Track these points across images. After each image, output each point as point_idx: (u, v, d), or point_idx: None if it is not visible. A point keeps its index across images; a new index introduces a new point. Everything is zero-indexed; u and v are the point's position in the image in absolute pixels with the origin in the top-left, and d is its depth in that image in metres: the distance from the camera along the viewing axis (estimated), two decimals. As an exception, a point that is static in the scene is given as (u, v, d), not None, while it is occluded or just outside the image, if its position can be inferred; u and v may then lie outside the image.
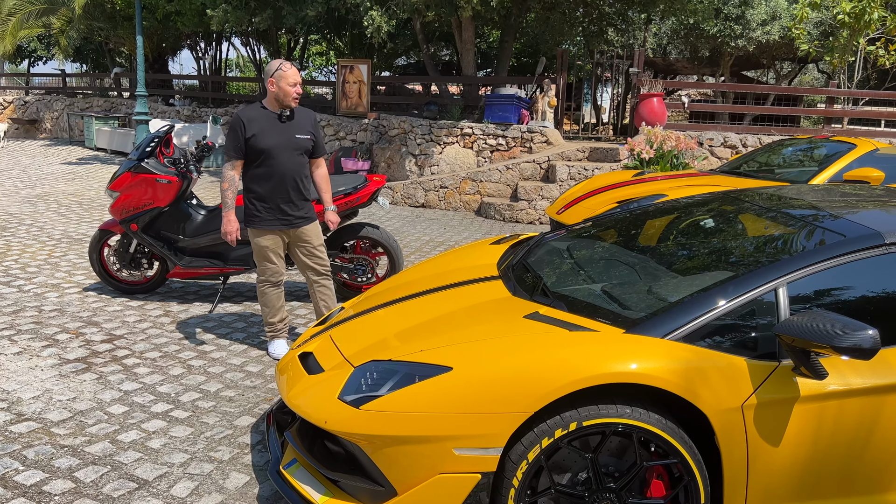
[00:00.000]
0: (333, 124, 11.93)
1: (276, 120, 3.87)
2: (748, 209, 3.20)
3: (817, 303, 2.44)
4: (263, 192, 3.89)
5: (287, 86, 3.80)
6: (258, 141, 3.80)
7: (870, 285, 2.50)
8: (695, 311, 2.37)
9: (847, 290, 2.48)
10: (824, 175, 6.32)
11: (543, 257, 3.34)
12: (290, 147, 3.90)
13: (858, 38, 10.64)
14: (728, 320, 2.36)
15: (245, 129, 3.80)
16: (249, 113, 3.86)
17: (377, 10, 9.89)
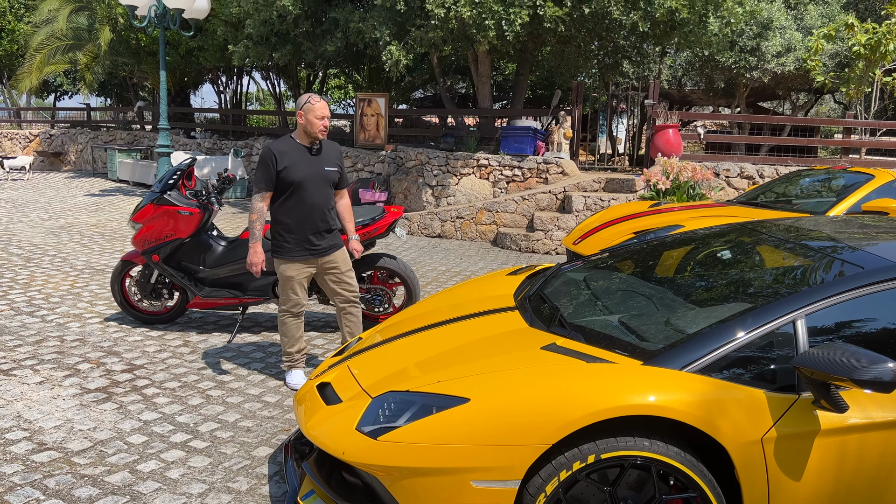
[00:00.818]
0: (351, 156, 12.08)
1: (306, 153, 3.95)
2: (765, 240, 3.20)
3: (836, 335, 2.43)
4: (292, 223, 3.96)
5: (315, 118, 3.88)
6: (289, 174, 3.87)
7: (889, 318, 2.48)
8: (713, 342, 2.37)
9: (866, 323, 2.47)
10: (842, 206, 6.29)
11: (560, 288, 3.36)
12: (319, 179, 3.98)
13: (874, 70, 10.65)
14: (746, 352, 2.36)
15: (276, 161, 3.87)
16: (280, 146, 3.93)
17: (395, 45, 10.07)
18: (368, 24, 10.42)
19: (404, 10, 9.92)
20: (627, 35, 11.54)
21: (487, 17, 9.17)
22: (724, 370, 2.32)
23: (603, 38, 12.11)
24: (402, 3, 9.91)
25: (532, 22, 9.74)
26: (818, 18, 12.87)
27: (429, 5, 9.22)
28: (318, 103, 3.90)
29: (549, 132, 10.84)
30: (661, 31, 10.78)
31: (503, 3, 9.18)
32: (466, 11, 9.04)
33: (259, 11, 11.26)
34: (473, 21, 9.20)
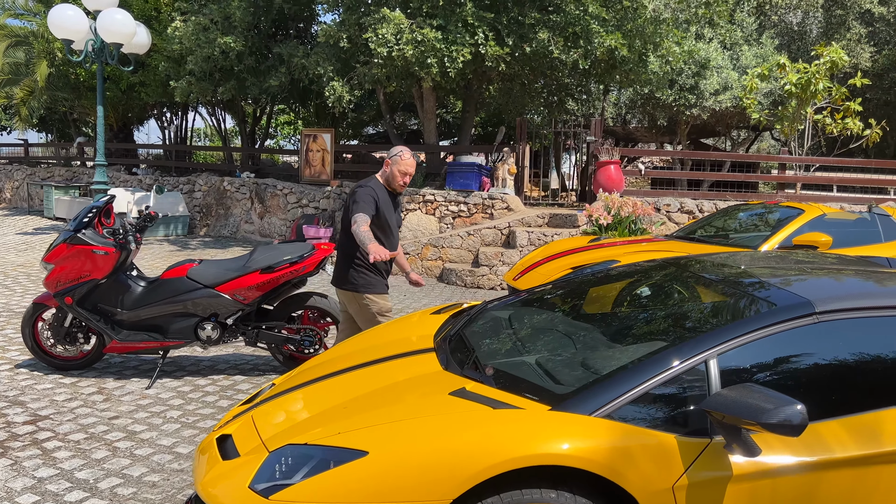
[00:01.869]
0: (296, 192, 11.91)
1: (392, 198, 4.24)
2: (689, 277, 3.15)
3: (748, 375, 2.37)
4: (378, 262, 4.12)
5: (398, 172, 4.12)
6: (384, 217, 4.13)
7: (802, 356, 2.43)
8: (623, 385, 2.28)
9: (778, 362, 2.41)
10: (774, 240, 6.38)
11: (481, 327, 3.25)
12: (397, 224, 4.36)
13: (806, 108, 11.01)
14: (657, 395, 2.27)
15: (378, 202, 4.07)
16: (378, 188, 4.13)
17: (339, 81, 10.02)
18: (312, 61, 10.37)
19: (348, 47, 9.91)
20: (570, 73, 11.74)
21: (430, 56, 9.20)
22: (634, 414, 2.23)
23: (547, 76, 12.30)
24: (346, 41, 9.91)
25: (474, 60, 9.82)
26: (753, 58, 13.32)
27: (371, 45, 9.22)
28: (408, 160, 4.13)
29: (495, 168, 10.87)
30: (602, 69, 11.00)
31: (445, 42, 9.23)
32: (409, 50, 9.06)
33: (201, 48, 11.12)
34: (416, 59, 9.22)
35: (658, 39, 10.70)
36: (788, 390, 2.34)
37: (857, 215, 6.94)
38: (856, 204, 10.21)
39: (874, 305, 2.49)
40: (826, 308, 2.45)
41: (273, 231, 12.09)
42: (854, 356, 2.44)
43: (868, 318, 2.47)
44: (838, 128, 11.08)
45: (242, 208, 12.64)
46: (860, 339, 2.47)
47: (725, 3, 11.30)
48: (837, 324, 2.45)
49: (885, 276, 2.92)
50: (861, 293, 2.56)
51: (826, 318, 2.44)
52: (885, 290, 2.66)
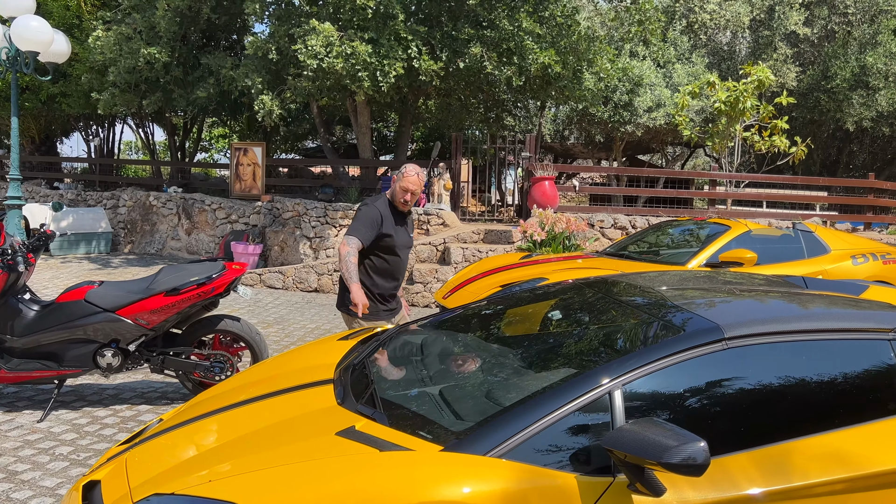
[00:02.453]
0: (225, 207, 11.51)
1: (401, 218, 3.99)
2: (603, 300, 3.02)
3: (654, 407, 2.23)
4: (381, 285, 3.99)
5: (399, 188, 3.88)
6: (391, 241, 3.90)
7: (710, 386, 2.31)
8: (521, 421, 2.11)
9: (686, 392, 2.28)
10: (701, 256, 6.38)
11: (389, 355, 3.05)
12: (407, 245, 4.09)
13: (735, 125, 11.24)
14: (558, 431, 2.11)
15: (382, 224, 3.84)
16: (383, 208, 3.90)
17: (268, 95, 9.73)
18: (240, 73, 10.05)
19: (277, 59, 9.64)
20: (506, 89, 11.72)
21: (361, 69, 9.01)
22: (532, 453, 2.06)
23: (484, 91, 12.26)
24: (275, 52, 9.64)
25: (408, 74, 9.68)
26: (685, 76, 13.58)
27: (300, 56, 8.98)
28: (410, 177, 3.88)
29: (430, 183, 10.72)
30: (536, 85, 11.00)
31: (377, 56, 9.06)
32: (339, 62, 8.85)
33: (124, 58, 10.67)
34: (347, 72, 9.02)
35: (592, 56, 10.78)
36: (695, 423, 2.22)
37: (782, 231, 7.03)
38: (783, 220, 10.43)
39: (785, 330, 2.39)
40: (735, 333, 2.34)
41: (201, 248, 11.66)
42: (763, 384, 2.34)
43: (778, 344, 2.38)
44: (766, 145, 11.33)
45: (169, 224, 12.16)
46: (770, 367, 2.37)
47: (658, 21, 11.48)
48: (747, 350, 2.35)
49: (800, 297, 2.85)
50: (773, 317, 2.46)
51: (735, 345, 2.33)
52: (798, 313, 2.57)
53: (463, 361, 2.84)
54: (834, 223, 11.57)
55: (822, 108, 13.58)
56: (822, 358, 2.40)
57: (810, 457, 2.16)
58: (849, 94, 13.19)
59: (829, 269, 6.53)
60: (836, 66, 13.41)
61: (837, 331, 2.43)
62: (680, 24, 14.51)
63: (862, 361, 2.42)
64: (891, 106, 13.15)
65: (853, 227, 11.58)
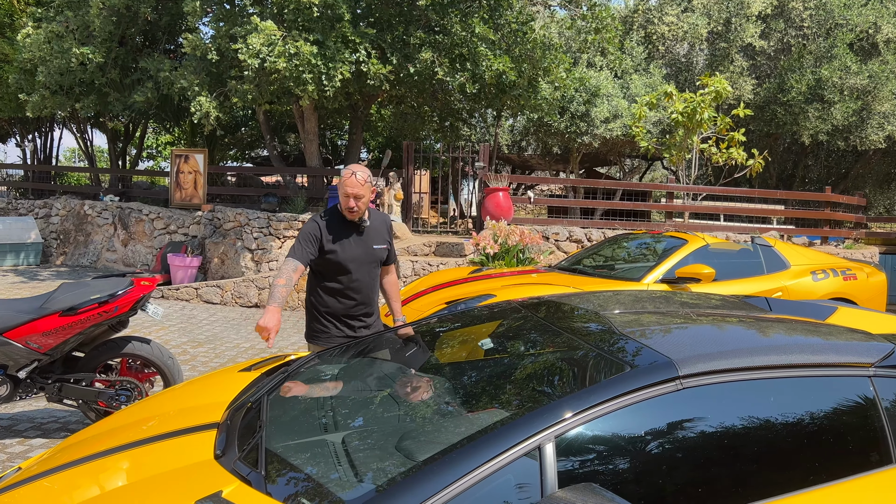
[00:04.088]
0: (164, 217, 10.88)
1: (354, 229, 3.44)
2: (543, 326, 2.61)
3: (592, 466, 1.81)
4: (334, 307, 3.49)
5: (342, 194, 3.35)
6: (338, 256, 3.38)
7: (661, 436, 1.91)
8: (428, 486, 1.67)
9: (632, 444, 1.87)
10: (657, 272, 6.05)
11: (292, 391, 2.59)
12: (367, 260, 3.49)
13: (692, 137, 11.05)
14: (474, 498, 1.68)
15: (322, 238, 3.36)
16: (328, 220, 3.41)
17: (206, 96, 9.18)
18: (178, 74, 9.49)
19: (217, 59, 9.11)
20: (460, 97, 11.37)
21: (305, 71, 8.54)
22: (440, 529, 1.62)
23: (438, 99, 11.89)
24: (215, 53, 9.11)
25: (356, 79, 9.25)
26: (642, 87, 13.41)
27: (241, 55, 8.47)
28: (347, 179, 3.32)
29: (380, 194, 10.28)
30: (491, 93, 10.66)
31: (323, 58, 8.61)
32: (282, 63, 8.37)
33: (54, 58, 10.01)
34: (290, 74, 8.54)
35: (547, 65, 10.48)
36: (643, 483, 1.81)
37: (741, 245, 6.75)
38: (741, 233, 10.23)
39: (751, 366, 2.01)
40: (691, 370, 1.95)
41: (137, 260, 10.99)
42: (726, 433, 1.94)
43: (742, 383, 1.99)
44: (723, 157, 11.17)
45: (104, 235, 11.46)
46: (734, 411, 1.97)
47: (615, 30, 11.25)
48: (705, 391, 1.95)
49: (766, 324, 2.48)
50: (735, 350, 2.07)
51: (691, 384, 1.94)
52: (766, 345, 2.19)
53: (375, 400, 2.40)
54: (791, 237, 11.45)
55: (778, 121, 13.53)
56: (795, 399, 2.02)
57: (782, 525, 1.77)
58: (804, 108, 13.16)
59: (789, 286, 6.26)
60: (792, 80, 13.39)
61: (812, 366, 2.06)
62: (637, 34, 14.37)
63: (840, 402, 2.05)
64: (845, 120, 13.15)
65: (810, 241, 11.48)
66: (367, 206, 3.47)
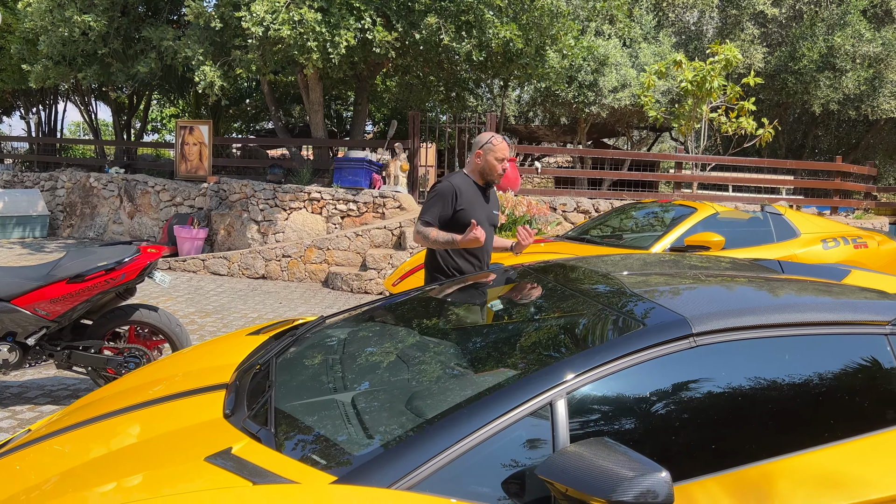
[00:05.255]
0: (170, 189, 10.86)
1: (481, 193, 3.72)
2: (554, 288, 2.58)
3: (606, 422, 1.80)
4: (462, 265, 3.70)
5: (495, 160, 3.65)
6: (467, 214, 3.57)
7: (674, 393, 1.88)
8: (438, 441, 1.66)
9: (644, 402, 1.85)
10: (666, 240, 6.00)
11: (302, 353, 2.58)
12: (491, 222, 3.80)
13: (702, 106, 10.90)
14: (485, 453, 1.66)
15: (457, 199, 3.58)
16: (459, 181, 3.65)
17: (210, 66, 9.10)
18: (181, 43, 9.39)
19: (220, 27, 9.00)
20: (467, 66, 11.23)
21: (310, 39, 8.43)
22: (450, 484, 1.61)
23: (444, 68, 11.75)
24: (219, 21, 9.00)
25: (363, 47, 9.13)
26: (651, 56, 13.22)
27: (245, 23, 8.37)
28: (500, 144, 3.66)
29: (386, 165, 10.21)
30: (498, 62, 10.52)
31: (328, 25, 8.49)
32: (286, 30, 8.27)
33: (56, 27, 9.92)
34: (295, 42, 8.44)
35: (555, 33, 10.32)
36: (655, 440, 1.79)
37: (751, 214, 6.69)
38: (750, 203, 10.14)
39: (765, 323, 1.97)
40: (705, 328, 1.92)
41: (144, 232, 11.00)
42: (739, 391, 1.92)
43: (756, 340, 1.96)
44: (733, 127, 11.02)
45: (110, 207, 11.45)
46: (748, 368, 1.95)
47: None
48: (719, 348, 1.92)
49: (779, 284, 2.45)
50: (750, 308, 2.04)
51: (705, 341, 1.91)
52: (780, 303, 2.16)
53: (387, 361, 2.39)
54: (800, 207, 11.35)
55: (789, 89, 13.34)
56: (810, 357, 2.00)
57: (796, 481, 1.75)
58: (816, 76, 12.96)
59: (799, 254, 6.21)
60: (803, 48, 13.17)
61: (827, 324, 2.02)
62: (647, 1, 14.13)
63: (856, 360, 2.02)
64: (857, 88, 12.96)
65: (819, 212, 11.38)
66: None
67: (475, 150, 3.72)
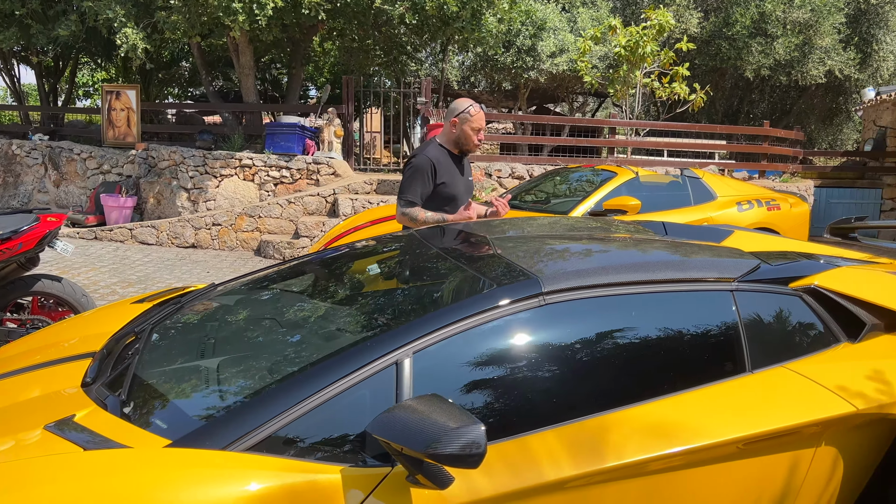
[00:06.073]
0: (97, 156, 10.51)
1: (456, 164, 3.60)
2: (428, 253, 2.60)
3: (451, 380, 1.84)
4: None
5: (471, 130, 3.51)
6: (448, 188, 3.50)
7: (522, 350, 1.94)
8: (277, 404, 1.68)
9: (492, 360, 1.90)
10: (585, 204, 6.10)
11: (180, 321, 2.56)
12: (467, 193, 3.70)
13: (636, 71, 11.00)
14: (326, 413, 1.69)
15: (436, 173, 3.47)
16: (435, 153, 3.52)
17: (132, 28, 8.78)
18: (103, 4, 9.02)
19: (142, -12, 8.69)
20: (403, 30, 11.08)
21: (235, 0, 8.20)
22: (288, 443, 1.64)
23: (382, 32, 11.57)
24: (140, -19, 8.67)
25: (293, 8, 8.92)
26: (589, 21, 13.25)
27: (166, -17, 8.09)
28: (478, 113, 3.52)
29: (320, 129, 10.07)
30: (434, 25, 10.40)
31: (253, -14, 8.26)
32: (210, -9, 8.02)
33: (-33, -16, 9.43)
34: (220, 3, 8.19)
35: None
36: (500, 396, 1.85)
37: (672, 178, 6.83)
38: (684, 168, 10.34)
39: (613, 282, 2.04)
40: (555, 287, 1.97)
41: (70, 201, 10.66)
42: (585, 347, 1.98)
43: (604, 298, 2.02)
44: (666, 92, 11.17)
45: (35, 175, 11.05)
46: (594, 325, 2.02)
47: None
48: (568, 306, 1.98)
49: (645, 244, 2.52)
50: (602, 267, 2.10)
51: (554, 300, 1.96)
52: (633, 262, 2.22)
53: (258, 329, 2.39)
54: (732, 171, 11.61)
55: (723, 55, 13.55)
56: (658, 313, 2.07)
57: (629, 431, 1.83)
58: (748, 42, 13.18)
59: (715, 216, 6.39)
60: (736, 13, 13.36)
61: (674, 281, 2.10)
62: (585, -34, 14.10)
63: (700, 316, 2.11)
64: (787, 54, 13.23)
65: (750, 175, 11.68)
66: None
67: (450, 118, 3.55)
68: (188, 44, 11.48)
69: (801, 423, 1.88)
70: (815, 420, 1.89)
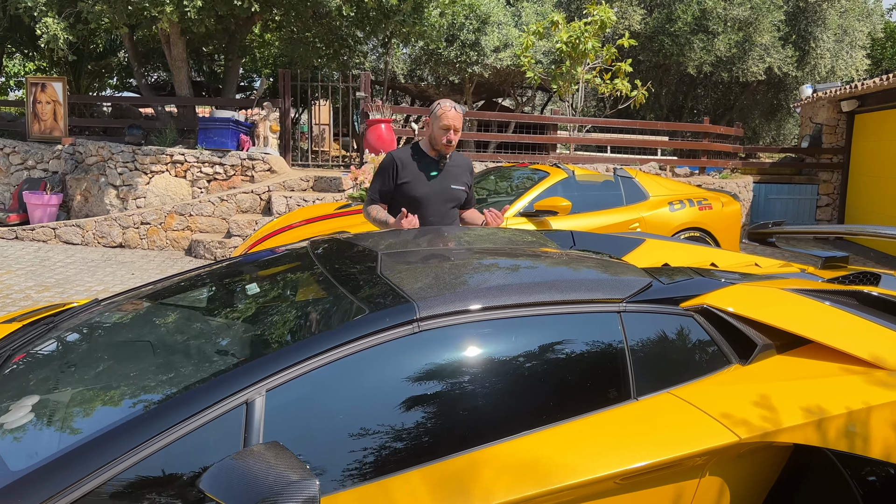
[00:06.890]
0: (21, 151, 10.03)
1: (434, 165, 3.43)
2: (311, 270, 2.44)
3: (313, 419, 1.70)
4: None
5: (439, 129, 3.33)
6: (411, 188, 3.38)
7: (392, 382, 1.80)
8: (103, 452, 1.52)
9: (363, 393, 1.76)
10: (517, 205, 6.02)
11: (42, 346, 2.36)
12: (444, 199, 3.45)
13: (578, 67, 10.97)
14: (164, 463, 1.53)
15: (398, 172, 3.38)
16: (403, 154, 3.44)
17: (53, 17, 8.37)
18: (21, -8, 8.58)
19: (64, -24, 8.28)
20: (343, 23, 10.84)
21: (161, -9, 7.87)
22: (119, 498, 1.48)
23: (323, 24, 11.31)
24: (60, -31, 8.26)
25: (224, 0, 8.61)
26: (534, 16, 13.19)
27: (86, -28, 7.71)
28: (448, 112, 3.31)
29: (255, 124, 9.78)
30: (374, 18, 10.21)
31: (181, -24, 7.94)
32: (134, -19, 7.68)
33: None
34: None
35: (431, -11, 10.08)
36: (363, 437, 1.71)
37: (606, 177, 6.79)
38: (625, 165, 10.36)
39: (495, 305, 1.92)
40: (431, 312, 1.84)
41: (-8, 198, 10.16)
42: (460, 378, 1.86)
43: (485, 323, 1.90)
44: (608, 88, 11.18)
45: (-46, 171, 10.50)
46: (472, 353, 1.89)
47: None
48: (445, 333, 1.86)
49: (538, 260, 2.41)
50: (483, 290, 1.97)
51: (429, 326, 1.84)
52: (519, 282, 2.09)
53: (115, 357, 2.20)
54: (674, 168, 11.71)
55: (665, 51, 13.64)
56: (538, 339, 1.96)
57: (500, 469, 1.71)
58: (690, 39, 13.30)
59: (647, 217, 6.37)
60: (678, 10, 13.46)
61: (559, 303, 1.99)
62: (531, -40, 14.03)
63: (585, 340, 2.01)
64: (728, 51, 13.39)
65: (691, 172, 11.78)
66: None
67: (426, 117, 3.47)
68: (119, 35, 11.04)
69: (683, 454, 1.80)
70: (697, 451, 1.81)
